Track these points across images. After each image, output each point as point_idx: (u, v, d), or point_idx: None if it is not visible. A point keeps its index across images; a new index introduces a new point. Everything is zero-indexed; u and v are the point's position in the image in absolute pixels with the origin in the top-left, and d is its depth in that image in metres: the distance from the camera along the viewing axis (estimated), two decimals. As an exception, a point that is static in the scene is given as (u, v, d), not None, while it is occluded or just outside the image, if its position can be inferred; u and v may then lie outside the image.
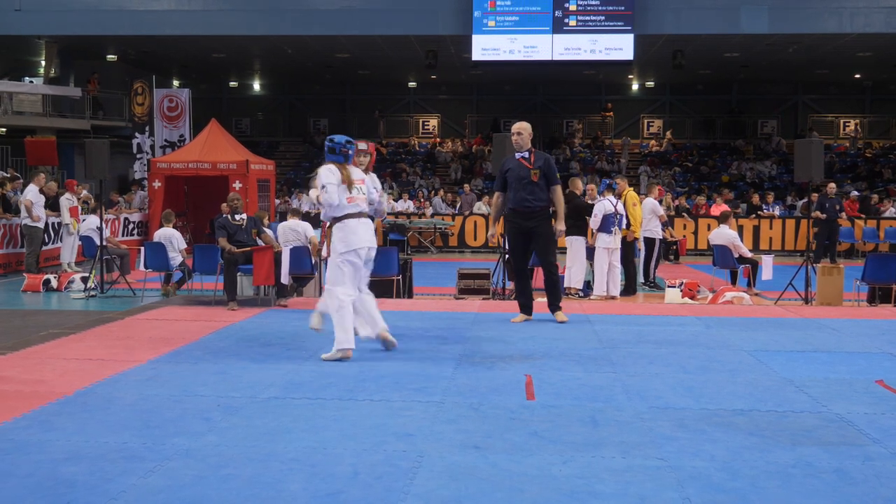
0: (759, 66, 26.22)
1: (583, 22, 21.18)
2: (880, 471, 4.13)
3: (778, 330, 8.32)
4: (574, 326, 8.35)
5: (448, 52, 23.27)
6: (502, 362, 6.60)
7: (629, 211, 12.27)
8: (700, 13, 20.53)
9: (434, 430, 4.78)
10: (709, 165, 28.82)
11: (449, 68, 25.93)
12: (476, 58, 21.71)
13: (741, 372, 6.34)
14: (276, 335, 7.84)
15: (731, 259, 12.67)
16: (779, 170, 28.00)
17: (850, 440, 4.63)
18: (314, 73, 29.28)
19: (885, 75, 28.46)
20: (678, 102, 31.60)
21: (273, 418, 4.99)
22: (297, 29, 21.34)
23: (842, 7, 20.49)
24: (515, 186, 8.31)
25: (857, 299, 11.52)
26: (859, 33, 20.85)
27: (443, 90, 31.78)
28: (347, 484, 3.92)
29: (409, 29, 21.25)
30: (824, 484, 3.95)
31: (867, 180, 26.82)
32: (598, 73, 27.35)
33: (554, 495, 3.79)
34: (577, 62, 21.91)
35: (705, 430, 4.79)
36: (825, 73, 27.96)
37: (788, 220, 21.68)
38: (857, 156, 29.17)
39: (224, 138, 19.50)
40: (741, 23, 20.60)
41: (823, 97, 31.17)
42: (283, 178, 27.13)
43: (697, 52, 22.75)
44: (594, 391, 5.68)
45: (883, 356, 7.00)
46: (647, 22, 20.88)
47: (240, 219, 10.25)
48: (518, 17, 21.36)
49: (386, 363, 6.55)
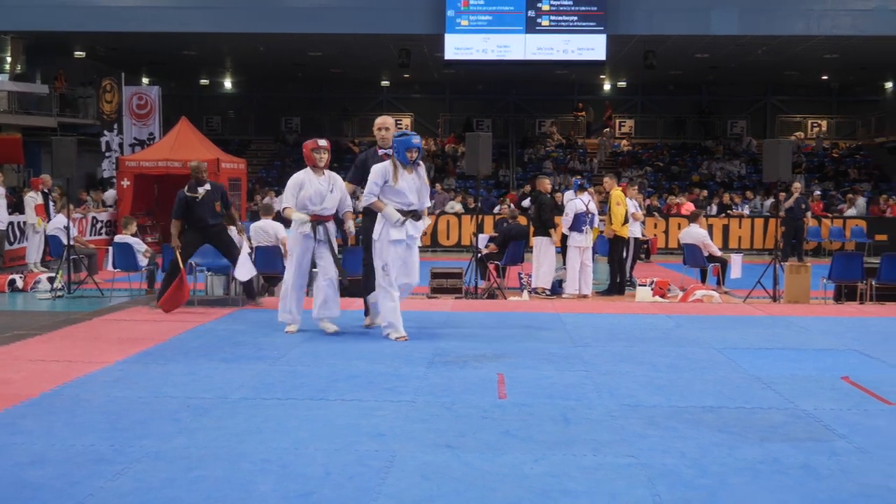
0: (728, 67, 26.45)
1: (555, 22, 21.25)
2: (846, 466, 4.18)
3: (747, 328, 8.41)
4: (546, 325, 8.37)
5: (421, 51, 23.24)
6: (474, 361, 6.61)
7: (612, 210, 12.24)
8: (671, 14, 20.66)
9: (406, 429, 4.78)
10: (679, 165, 29.04)
11: (422, 67, 25.91)
12: (449, 57, 21.70)
13: (710, 369, 6.39)
14: (247, 335, 7.78)
15: (701, 258, 12.76)
16: (748, 169, 28.27)
17: (816, 436, 4.69)
18: (286, 72, 29.12)
19: (852, 77, 28.84)
20: (649, 103, 31.81)
21: (243, 419, 4.96)
22: (270, 27, 21.20)
23: (810, 10, 20.73)
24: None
25: (824, 297, 11.66)
26: (827, 35, 21.10)
27: (416, 89, 31.75)
28: (319, 484, 3.90)
29: (381, 28, 21.19)
30: (791, 479, 3.99)
31: (834, 180, 27.16)
32: (570, 73, 27.44)
33: (526, 494, 3.81)
34: (550, 62, 21.97)
35: (675, 427, 4.83)
36: (793, 75, 28.26)
37: (757, 219, 21.91)
38: (825, 156, 29.52)
39: (194, 136, 19.31)
40: (711, 24, 20.76)
41: (791, 98, 31.52)
42: (255, 176, 26.96)
43: (668, 52, 22.91)
44: (566, 389, 5.71)
45: (849, 353, 7.09)
46: (619, 22, 20.98)
47: (202, 191, 9.27)
48: (491, 17, 21.38)
49: (358, 363, 6.53)
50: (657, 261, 18.32)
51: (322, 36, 21.91)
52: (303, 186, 7.68)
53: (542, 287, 12.04)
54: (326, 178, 7.76)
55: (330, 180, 7.77)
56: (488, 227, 17.60)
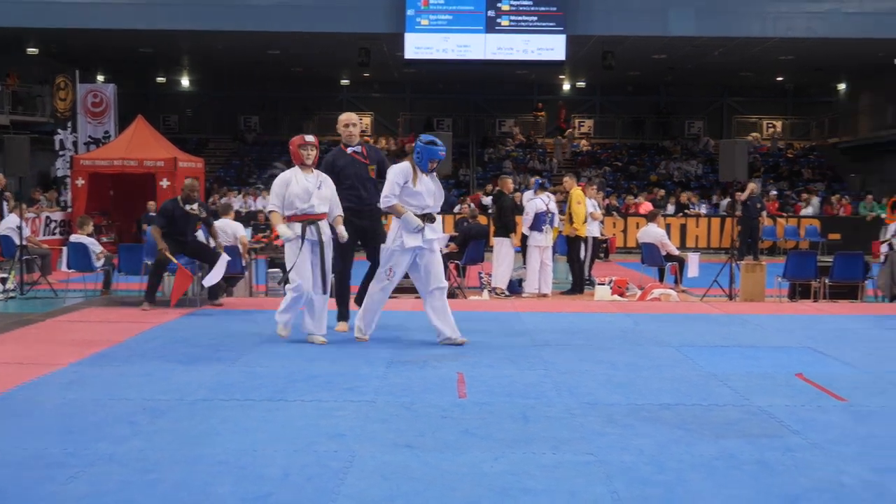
0: (686, 68, 26.77)
1: (515, 22, 21.34)
2: (799, 461, 4.25)
3: (703, 325, 8.51)
4: (506, 324, 8.40)
5: (381, 50, 23.19)
6: (434, 361, 6.61)
7: (573, 209, 12.31)
8: (629, 15, 20.85)
9: (366, 429, 4.76)
10: (638, 165, 29.31)
11: (382, 66, 25.85)
12: (409, 56, 21.70)
13: (668, 367, 6.46)
14: (205, 336, 7.70)
15: (659, 257, 12.89)
16: (705, 169, 28.62)
17: (771, 432, 4.76)
18: (245, 70, 28.87)
19: (806, 79, 29.35)
20: (608, 103, 32.07)
21: (201, 421, 4.91)
22: (227, 24, 21.00)
23: (765, 11, 21.06)
24: (349, 183, 7.72)
25: (779, 295, 11.85)
26: (782, 37, 21.45)
27: (376, 88, 31.68)
28: (277, 486, 3.87)
29: (341, 26, 21.10)
30: (746, 475, 4.05)
31: (788, 180, 27.60)
32: (530, 73, 27.57)
33: (486, 492, 3.81)
34: (510, 62, 22.07)
35: (633, 424, 4.87)
36: (749, 76, 28.67)
37: (714, 218, 22.20)
38: (780, 156, 29.99)
39: (151, 135, 19.08)
40: (669, 25, 21.00)
41: (748, 99, 31.99)
42: (213, 175, 26.71)
43: (626, 53, 23.11)
44: (525, 388, 5.73)
45: (803, 350, 7.21)
46: (578, 23, 21.13)
47: (191, 209, 9.52)
48: (451, 17, 21.41)
49: (317, 363, 6.49)
50: (616, 260, 18.48)
51: (281, 34, 21.76)
52: (289, 186, 7.24)
53: (500, 288, 12.08)
54: (314, 176, 7.33)
55: (318, 178, 7.34)
56: (449, 227, 17.62)
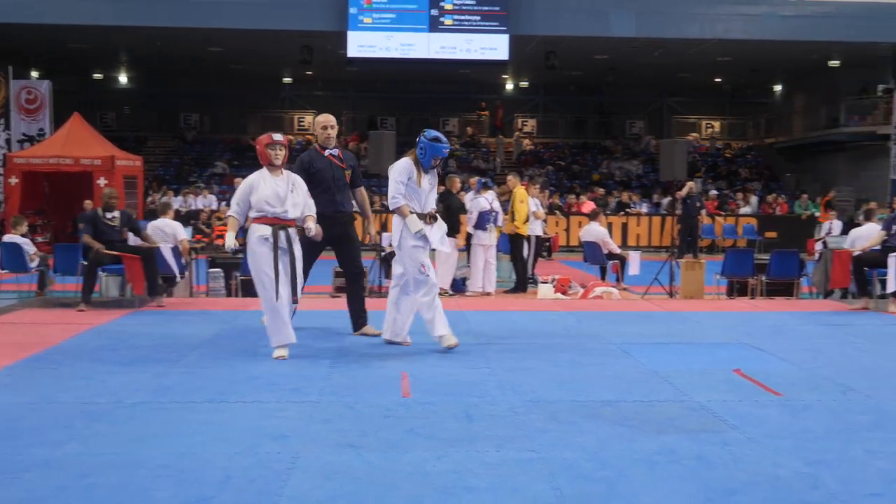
0: (626, 68, 27.13)
1: (458, 21, 21.40)
2: (737, 455, 4.34)
3: (644, 323, 8.63)
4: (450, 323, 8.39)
5: (324, 48, 23.04)
6: (378, 360, 6.59)
7: (515, 207, 12.36)
8: (571, 15, 21.07)
9: (309, 430, 4.73)
10: (580, 164, 29.60)
11: (325, 64, 25.69)
12: (352, 54, 21.62)
13: (610, 364, 6.54)
14: (145, 338, 7.56)
15: (601, 255, 13.03)
16: (646, 168, 29.03)
17: (709, 427, 4.84)
18: (185, 67, 28.43)
19: (743, 80, 29.96)
20: (551, 103, 32.34)
21: (140, 424, 4.82)
22: (166, 20, 20.64)
23: (704, 14, 21.46)
24: (324, 187, 7.40)
25: (717, 292, 12.07)
26: (720, 39, 21.88)
27: (319, 86, 31.47)
28: (218, 489, 3.82)
29: (283, 23, 20.92)
30: (686, 469, 4.12)
31: (727, 179, 28.14)
32: (473, 72, 27.66)
33: (429, 491, 3.81)
34: (453, 61, 22.12)
35: (576, 421, 4.92)
36: (688, 77, 29.16)
37: (654, 217, 22.54)
38: (718, 156, 30.57)
39: (88, 133, 18.72)
40: (610, 26, 21.26)
41: (687, 100, 32.54)
42: (152, 174, 26.26)
43: (569, 53, 23.33)
44: (469, 387, 5.74)
45: (740, 346, 7.35)
46: (521, 23, 21.27)
47: (111, 217, 9.44)
48: (395, 15, 21.38)
49: (260, 364, 6.43)
50: (559, 258, 18.63)
51: (222, 31, 21.49)
52: (255, 189, 6.59)
53: (443, 287, 12.09)
54: (284, 178, 6.72)
55: (289, 180, 6.74)
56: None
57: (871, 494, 3.80)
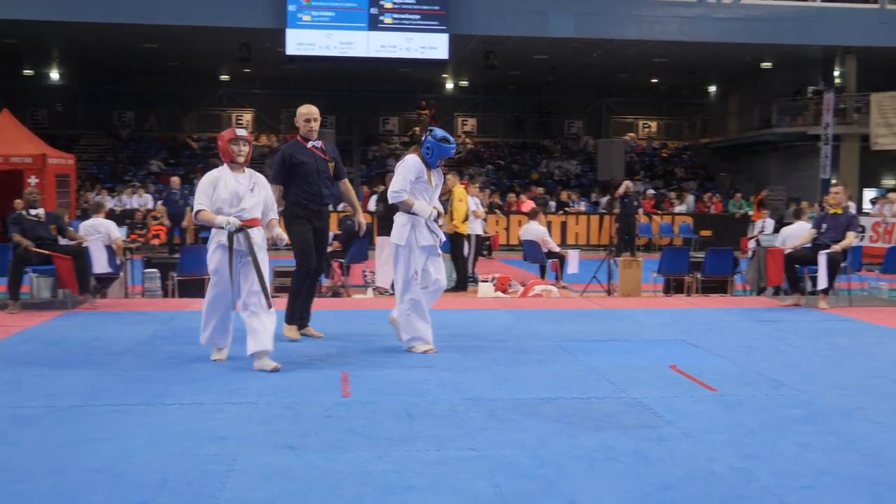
0: (566, 69, 27.40)
1: (398, 20, 21.37)
2: (673, 450, 4.41)
3: (583, 321, 8.73)
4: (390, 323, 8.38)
5: (262, 45, 22.80)
6: (318, 361, 6.54)
7: (455, 206, 12.38)
8: (511, 16, 21.19)
9: (248, 431, 4.68)
10: (519, 163, 29.81)
11: (263, 62, 25.42)
12: (291, 52, 21.43)
13: (549, 362, 6.59)
14: (78, 339, 7.39)
15: (541, 254, 13.14)
16: (584, 168, 29.36)
17: (646, 423, 4.92)
18: (120, 64, 27.83)
19: (679, 81, 30.48)
20: (491, 102, 32.48)
21: (73, 428, 4.71)
22: (99, 16, 20.17)
23: (641, 15, 21.78)
24: (309, 180, 7.23)
25: (654, 290, 12.27)
26: (657, 40, 22.23)
27: (257, 84, 31.12)
28: (155, 493, 3.76)
29: (220, 20, 20.64)
30: (624, 465, 4.17)
31: (663, 179, 28.63)
32: (413, 71, 27.64)
33: (369, 491, 3.80)
34: (393, 60, 22.08)
35: (515, 419, 4.95)
36: (626, 78, 29.57)
37: (593, 216, 22.81)
38: (655, 156, 31.07)
39: (17, 130, 18.16)
40: (549, 26, 21.44)
41: (625, 100, 32.99)
42: (85, 173, 25.68)
43: (508, 53, 23.47)
44: (409, 386, 5.74)
45: (676, 343, 7.48)
46: (461, 22, 21.33)
47: (35, 214, 9.37)
48: (334, 13, 21.26)
49: (197, 366, 6.33)
50: (498, 257, 18.72)
51: (158, 27, 21.09)
52: (216, 186, 6.23)
53: (383, 287, 12.07)
54: (247, 177, 6.33)
55: (251, 178, 6.35)
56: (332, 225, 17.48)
57: (803, 487, 3.89)
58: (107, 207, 11.96)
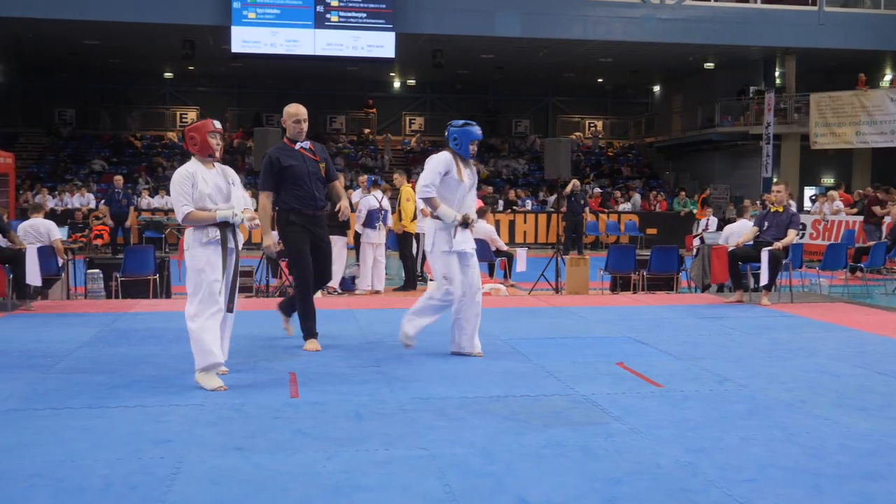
0: (512, 68, 27.55)
1: (345, 18, 21.28)
2: (621, 446, 4.46)
3: (532, 318, 8.78)
4: (339, 322, 8.35)
5: (206, 42, 22.52)
6: (266, 361, 6.48)
7: (403, 206, 12.37)
8: (457, 14, 21.25)
9: (194, 433, 4.61)
10: (468, 162, 29.85)
11: (208, 60, 25.11)
12: (236, 50, 21.22)
13: (498, 360, 6.62)
14: (17, 342, 7.22)
15: (489, 252, 13.17)
16: (531, 167, 29.54)
17: (594, 419, 4.96)
18: (60, 60, 27.24)
19: (624, 80, 30.86)
20: (438, 101, 32.51)
21: (12, 432, 4.59)
22: (37, 12, 19.70)
23: (586, 16, 21.99)
24: (300, 183, 6.82)
25: (601, 288, 12.39)
26: (602, 40, 22.48)
27: (202, 82, 30.72)
28: (98, 497, 3.68)
29: (163, 17, 20.32)
30: (572, 462, 4.20)
31: (609, 177, 28.94)
32: (360, 69, 27.55)
33: (318, 492, 3.77)
34: (340, 58, 21.99)
35: (464, 417, 4.96)
36: (572, 77, 29.85)
37: (540, 214, 22.98)
38: (601, 154, 31.39)
39: (-47, 128, 17.72)
40: (496, 26, 21.54)
41: (571, 99, 33.29)
42: (25, 171, 25.09)
43: (456, 52, 23.51)
44: (359, 386, 5.72)
45: (623, 340, 7.57)
46: (408, 21, 21.32)
47: None
48: (279, 11, 21.09)
49: (141, 367, 6.22)
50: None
51: (99, 23, 20.68)
52: (195, 182, 5.71)
53: (332, 286, 12.00)
54: (220, 171, 5.91)
55: (224, 174, 5.93)
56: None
57: (747, 480, 3.96)
58: (47, 207, 11.68)
